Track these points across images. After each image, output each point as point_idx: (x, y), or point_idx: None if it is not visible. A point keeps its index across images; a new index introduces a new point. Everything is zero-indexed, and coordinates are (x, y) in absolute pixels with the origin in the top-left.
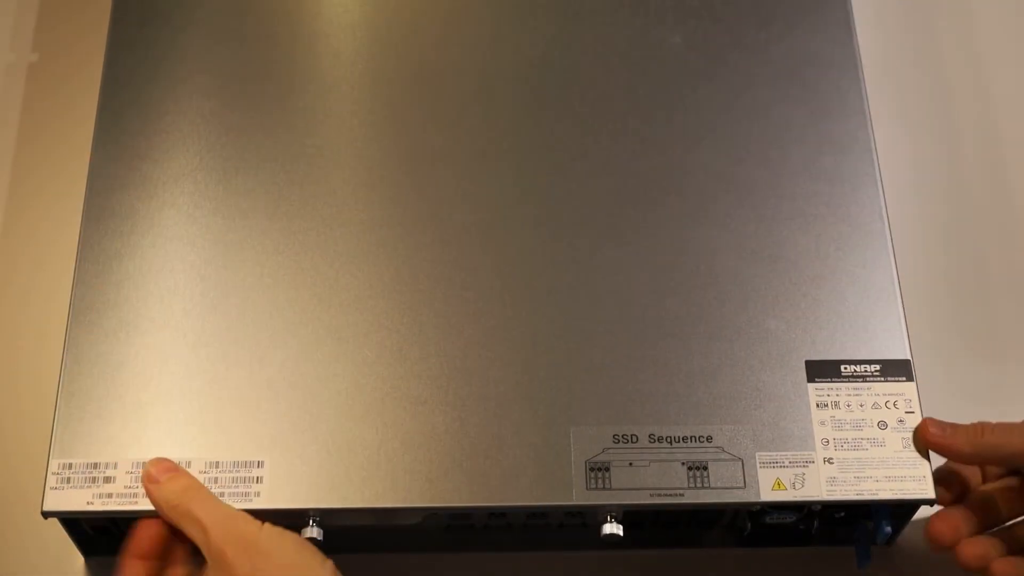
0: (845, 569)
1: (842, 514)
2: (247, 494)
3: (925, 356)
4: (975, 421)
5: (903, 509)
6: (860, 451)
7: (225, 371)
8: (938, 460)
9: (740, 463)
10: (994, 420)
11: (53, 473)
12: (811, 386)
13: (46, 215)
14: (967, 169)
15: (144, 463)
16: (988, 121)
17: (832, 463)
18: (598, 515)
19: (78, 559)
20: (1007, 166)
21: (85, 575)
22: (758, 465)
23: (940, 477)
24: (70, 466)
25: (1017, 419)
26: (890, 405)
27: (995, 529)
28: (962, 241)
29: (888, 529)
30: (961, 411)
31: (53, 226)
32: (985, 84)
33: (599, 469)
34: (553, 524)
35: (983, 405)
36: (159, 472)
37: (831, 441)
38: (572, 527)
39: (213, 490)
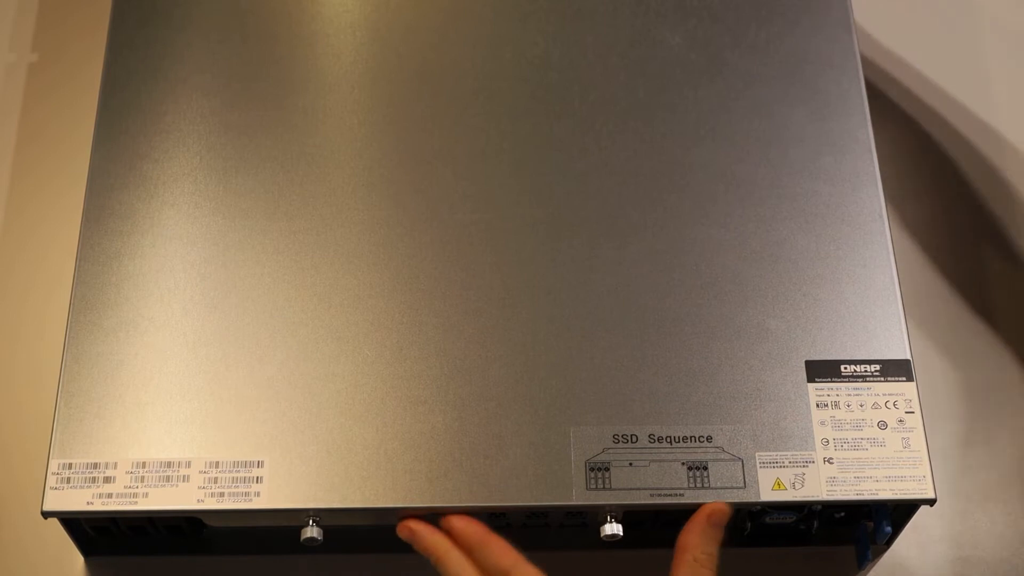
0: (845, 569)
1: (842, 514)
2: (247, 494)
3: (925, 356)
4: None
5: (903, 509)
6: (860, 451)
7: (225, 371)
8: (938, 461)
9: (740, 463)
10: (995, 420)
11: (53, 473)
12: (811, 386)
13: (46, 215)
14: (967, 168)
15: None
16: (988, 121)
17: (832, 463)
18: (598, 515)
19: (78, 559)
20: (1006, 164)
21: (85, 575)
22: (758, 465)
23: None
24: (70, 466)
25: (1016, 418)
26: (890, 405)
27: None
28: (961, 241)
29: (888, 529)
30: (961, 411)
31: (53, 226)
32: (985, 84)
33: (599, 469)
34: (553, 524)
35: (983, 405)
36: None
37: (831, 441)
38: (572, 527)
39: (212, 490)
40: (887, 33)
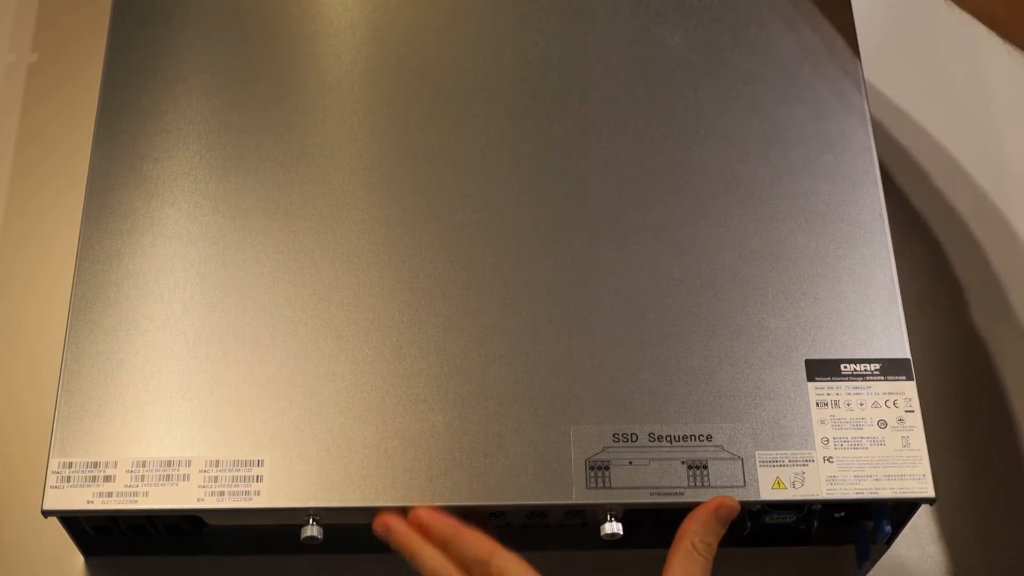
0: (845, 569)
1: (842, 514)
2: (247, 493)
3: (925, 356)
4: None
5: (903, 509)
6: (860, 450)
7: (225, 370)
8: (937, 460)
9: (740, 462)
10: (995, 419)
11: (53, 472)
12: (811, 385)
13: (46, 215)
14: (966, 168)
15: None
16: (988, 118)
17: (832, 462)
18: (598, 514)
19: (78, 559)
20: (1007, 164)
21: (85, 575)
22: (758, 464)
23: None
24: (70, 465)
25: (1016, 417)
26: (890, 404)
27: None
28: (961, 239)
29: (888, 529)
30: (961, 411)
31: (53, 226)
32: (985, 81)
33: (599, 468)
34: (553, 524)
35: (983, 405)
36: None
37: (831, 440)
38: (572, 527)
39: (213, 489)
40: (887, 31)
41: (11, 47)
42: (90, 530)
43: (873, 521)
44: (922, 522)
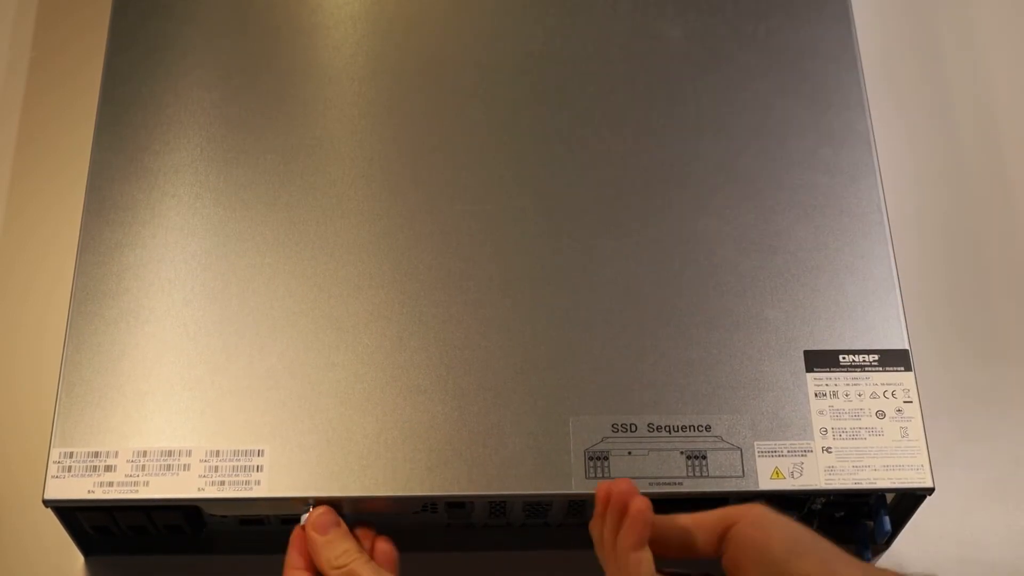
0: None
1: (842, 514)
2: (247, 483)
3: (922, 346)
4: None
5: (904, 507)
6: (858, 440)
7: (225, 360)
8: (938, 457)
9: (739, 452)
10: (989, 407)
11: (54, 462)
12: (810, 376)
13: (46, 215)
14: (965, 160)
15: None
16: (986, 112)
17: (830, 452)
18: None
19: (78, 559)
20: (1005, 157)
21: (85, 575)
22: (757, 454)
23: None
24: (71, 455)
25: (1016, 413)
26: (888, 394)
27: None
28: (960, 232)
29: (888, 528)
30: (956, 399)
31: (53, 226)
32: (983, 75)
33: (598, 458)
34: (553, 524)
35: (978, 390)
36: (324, 526)
37: (829, 430)
38: (572, 527)
39: (213, 479)
40: (886, 24)
41: (11, 45)
42: (90, 530)
43: (873, 521)
44: (922, 521)
